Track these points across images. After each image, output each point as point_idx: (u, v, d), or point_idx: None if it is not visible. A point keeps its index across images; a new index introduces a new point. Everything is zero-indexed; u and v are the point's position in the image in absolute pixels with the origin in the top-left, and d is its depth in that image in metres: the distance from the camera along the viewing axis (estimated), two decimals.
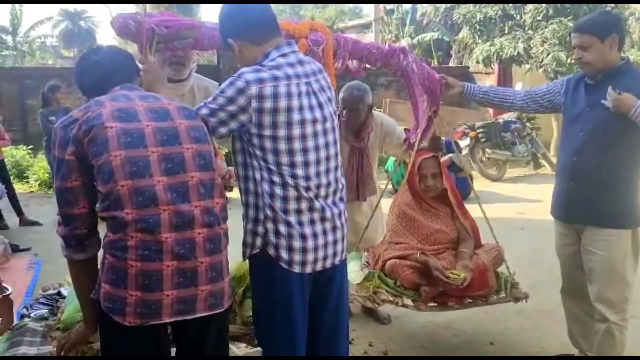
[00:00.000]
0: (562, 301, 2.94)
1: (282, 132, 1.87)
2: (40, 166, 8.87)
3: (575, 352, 2.97)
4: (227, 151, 7.28)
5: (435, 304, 2.89)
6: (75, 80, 1.87)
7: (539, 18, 10.16)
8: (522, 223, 6.13)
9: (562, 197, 2.77)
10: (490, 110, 11.09)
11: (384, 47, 2.78)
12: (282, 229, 1.91)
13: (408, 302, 2.85)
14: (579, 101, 2.66)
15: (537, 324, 3.43)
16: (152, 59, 2.14)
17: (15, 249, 5.48)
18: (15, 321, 3.53)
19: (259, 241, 1.94)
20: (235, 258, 2.05)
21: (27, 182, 9.05)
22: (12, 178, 8.78)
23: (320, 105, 1.97)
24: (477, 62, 11.29)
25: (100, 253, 1.71)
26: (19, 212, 6.55)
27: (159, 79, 2.08)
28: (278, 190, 1.89)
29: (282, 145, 1.87)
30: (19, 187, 8.83)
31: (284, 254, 1.92)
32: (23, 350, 3.15)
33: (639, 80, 2.51)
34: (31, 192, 8.69)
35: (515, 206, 7.10)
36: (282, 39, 2.01)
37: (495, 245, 3.06)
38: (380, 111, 9.14)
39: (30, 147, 9.72)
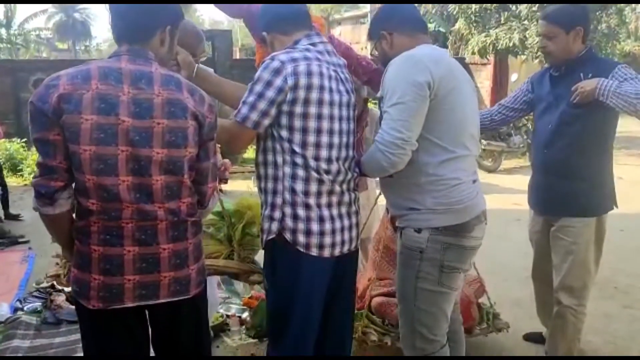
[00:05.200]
0: (533, 285, 3.00)
1: (313, 110, 1.88)
2: (34, 159, 8.81)
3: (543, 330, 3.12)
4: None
5: None
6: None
7: (534, 9, 10.14)
8: (517, 214, 6.12)
9: (535, 189, 2.82)
10: (486, 102, 11.09)
11: (373, 64, 2.72)
12: (301, 212, 1.91)
13: (396, 341, 2.68)
14: (545, 94, 2.67)
15: (531, 313, 3.43)
16: None
17: (15, 242, 5.48)
18: (9, 314, 3.53)
19: (275, 226, 1.93)
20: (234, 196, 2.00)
21: (22, 175, 9.02)
22: (6, 172, 8.76)
23: (347, 92, 2.01)
24: (473, 53, 11.27)
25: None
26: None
27: None
28: (300, 172, 1.89)
29: (312, 123, 1.88)
30: (13, 181, 8.80)
31: (301, 238, 1.91)
32: (16, 343, 3.15)
33: (602, 68, 2.50)
34: (25, 185, 8.64)
35: (511, 197, 7.10)
36: (312, 32, 2.03)
37: (477, 277, 3.04)
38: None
39: (24, 140, 9.66)
